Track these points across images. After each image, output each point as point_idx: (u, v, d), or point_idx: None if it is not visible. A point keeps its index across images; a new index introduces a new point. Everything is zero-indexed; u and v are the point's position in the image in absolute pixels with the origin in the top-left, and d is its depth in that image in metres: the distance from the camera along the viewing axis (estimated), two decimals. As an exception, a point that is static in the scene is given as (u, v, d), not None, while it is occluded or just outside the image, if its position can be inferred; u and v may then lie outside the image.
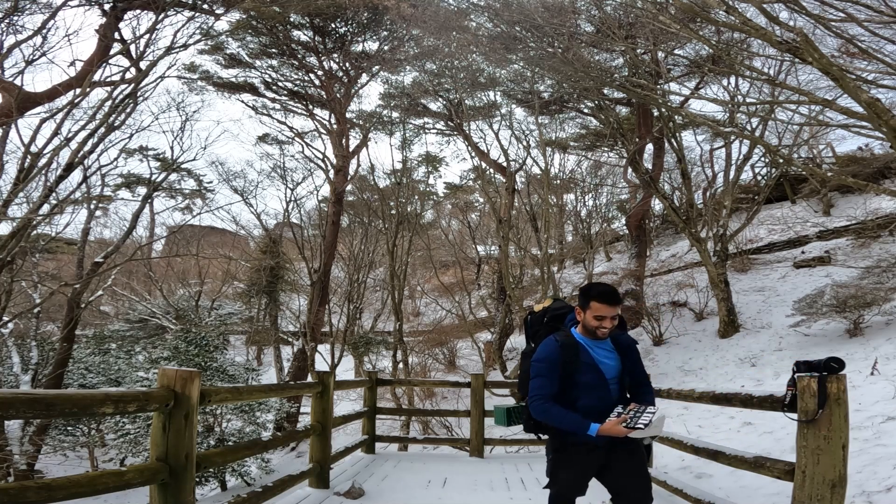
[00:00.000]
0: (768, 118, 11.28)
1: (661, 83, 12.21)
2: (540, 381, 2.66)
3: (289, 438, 7.27)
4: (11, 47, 9.75)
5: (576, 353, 2.66)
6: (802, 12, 5.73)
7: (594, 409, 2.60)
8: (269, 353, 21.21)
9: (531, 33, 10.68)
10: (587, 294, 2.68)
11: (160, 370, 2.83)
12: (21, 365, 11.40)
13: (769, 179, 17.08)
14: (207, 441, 8.52)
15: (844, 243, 15.87)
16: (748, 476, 4.31)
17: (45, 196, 9.77)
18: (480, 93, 17.17)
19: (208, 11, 13.32)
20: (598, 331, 2.63)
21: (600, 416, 2.56)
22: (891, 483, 4.37)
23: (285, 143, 21.55)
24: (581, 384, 2.64)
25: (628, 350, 2.75)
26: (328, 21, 17.39)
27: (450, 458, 7.39)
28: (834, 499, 2.44)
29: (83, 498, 2.16)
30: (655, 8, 7.56)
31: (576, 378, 2.64)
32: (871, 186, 6.92)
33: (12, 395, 1.95)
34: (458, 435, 10.95)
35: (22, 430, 10.25)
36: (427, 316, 24.91)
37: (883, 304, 10.21)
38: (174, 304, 17.87)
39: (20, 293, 13.25)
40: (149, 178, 18.68)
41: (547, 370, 2.65)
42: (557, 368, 2.63)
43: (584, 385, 2.64)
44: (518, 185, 18.44)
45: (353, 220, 23.60)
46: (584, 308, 2.67)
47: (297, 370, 17.16)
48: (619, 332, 2.76)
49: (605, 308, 2.61)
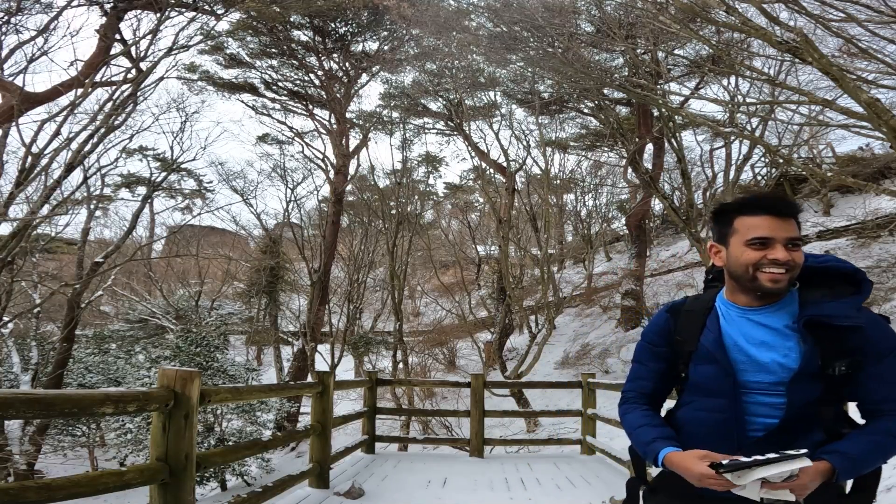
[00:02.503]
0: (768, 118, 11.28)
1: (661, 83, 12.20)
2: (633, 368, 1.69)
3: (289, 438, 7.28)
4: (14, 48, 9.77)
5: (698, 326, 1.52)
6: (802, 12, 5.73)
7: (708, 435, 1.45)
8: (269, 353, 21.20)
9: (531, 33, 10.68)
10: (726, 211, 1.48)
11: (160, 370, 2.83)
12: (21, 365, 11.41)
13: (769, 179, 17.09)
14: (207, 441, 8.53)
15: (844, 243, 15.87)
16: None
17: (46, 196, 9.78)
18: (480, 93, 17.18)
19: (209, 12, 13.33)
20: (760, 276, 1.39)
21: (715, 446, 1.37)
22: (891, 483, 4.37)
23: (285, 143, 21.61)
24: (693, 384, 1.52)
25: (825, 332, 1.36)
26: (328, 21, 17.41)
27: (450, 458, 7.39)
28: (833, 499, 2.43)
29: (83, 498, 2.16)
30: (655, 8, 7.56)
31: (690, 370, 1.52)
32: (871, 186, 6.92)
33: (12, 395, 1.95)
34: (458, 435, 10.96)
35: (22, 430, 10.26)
36: (427, 316, 24.91)
37: (883, 304, 10.21)
38: (174, 304, 17.88)
39: (20, 293, 13.25)
40: (149, 178, 18.72)
41: (643, 353, 1.65)
42: (660, 351, 1.60)
43: (697, 386, 1.51)
44: (518, 185, 18.44)
45: (353, 220, 23.61)
46: (724, 238, 1.47)
47: (297, 370, 17.17)
48: (835, 301, 1.40)
49: (770, 222, 1.39)
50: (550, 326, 14.43)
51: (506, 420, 11.99)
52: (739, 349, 1.44)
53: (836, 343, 1.35)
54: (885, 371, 1.36)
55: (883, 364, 1.36)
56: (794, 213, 1.42)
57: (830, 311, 1.37)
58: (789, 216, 1.40)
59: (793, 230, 1.39)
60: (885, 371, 1.36)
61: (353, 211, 23.13)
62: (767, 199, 1.42)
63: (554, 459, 6.68)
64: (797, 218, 1.43)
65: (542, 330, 14.58)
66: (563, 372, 15.38)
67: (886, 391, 1.36)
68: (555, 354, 16.57)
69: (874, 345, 1.37)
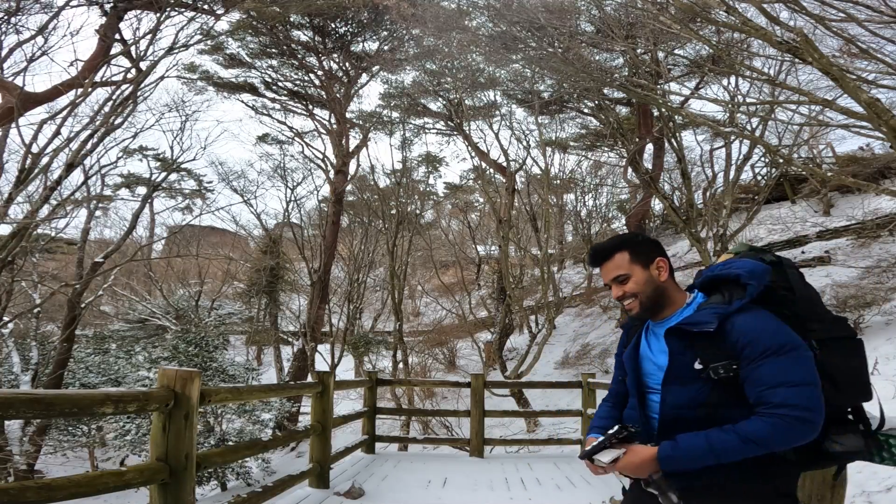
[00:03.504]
0: (768, 118, 11.27)
1: (662, 83, 12.20)
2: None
3: (289, 438, 7.27)
4: (13, 48, 9.77)
5: (627, 340, 1.79)
6: (802, 12, 5.73)
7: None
8: (269, 353, 21.21)
9: (531, 33, 10.68)
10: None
11: (160, 370, 2.83)
12: (21, 365, 11.40)
13: (769, 179, 17.05)
14: (207, 441, 8.53)
15: (844, 243, 15.86)
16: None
17: (46, 196, 9.78)
18: (480, 93, 17.17)
19: (209, 12, 13.32)
20: (625, 307, 1.70)
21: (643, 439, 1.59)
22: (891, 483, 4.37)
23: (285, 143, 21.60)
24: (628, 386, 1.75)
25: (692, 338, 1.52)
26: (328, 21, 17.40)
27: (450, 458, 7.39)
28: (834, 499, 2.44)
29: (83, 498, 2.16)
30: (656, 8, 7.56)
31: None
32: (871, 186, 6.92)
33: (12, 395, 1.95)
34: (458, 435, 10.95)
35: (22, 430, 10.24)
36: (427, 316, 24.90)
37: (883, 304, 10.21)
38: (174, 304, 17.88)
39: (20, 293, 13.25)
40: (149, 178, 18.73)
41: (615, 360, 1.89)
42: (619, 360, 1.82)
43: (628, 388, 1.74)
44: (518, 185, 18.44)
45: (353, 220, 23.60)
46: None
47: (297, 370, 17.16)
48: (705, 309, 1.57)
49: (602, 271, 1.71)
50: (550, 326, 14.42)
51: (506, 420, 11.99)
52: (645, 357, 1.68)
53: (711, 348, 1.48)
54: (757, 373, 1.43)
55: (754, 366, 1.44)
56: (608, 256, 1.68)
57: (690, 318, 1.55)
58: (605, 261, 1.68)
59: (614, 270, 1.66)
60: (756, 373, 1.43)
61: (353, 211, 23.12)
62: (591, 253, 1.74)
63: (554, 459, 6.68)
64: (616, 255, 1.67)
65: (542, 330, 14.58)
66: (563, 372, 15.38)
67: (758, 393, 1.43)
68: (555, 354, 16.57)
69: (748, 348, 1.45)
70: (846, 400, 1.54)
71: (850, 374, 1.53)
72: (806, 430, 1.38)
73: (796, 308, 1.55)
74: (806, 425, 1.38)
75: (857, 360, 1.55)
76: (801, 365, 1.42)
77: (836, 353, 1.53)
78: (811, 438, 1.40)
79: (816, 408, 1.39)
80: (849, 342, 1.56)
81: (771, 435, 1.38)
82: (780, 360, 1.41)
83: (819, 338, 1.53)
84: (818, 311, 1.57)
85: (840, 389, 1.51)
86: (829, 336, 1.55)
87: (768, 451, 1.41)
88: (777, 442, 1.39)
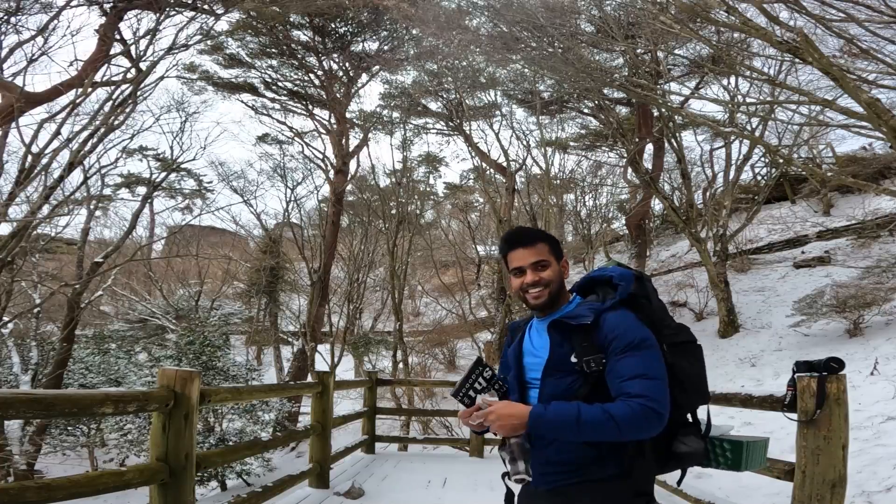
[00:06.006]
0: (768, 118, 11.27)
1: (662, 83, 12.21)
2: None
3: (289, 438, 7.26)
4: (13, 48, 9.77)
5: (517, 339, 1.82)
6: (802, 12, 5.73)
7: None
8: (269, 353, 21.20)
9: (531, 33, 10.68)
10: (501, 249, 1.82)
11: (160, 370, 2.83)
12: (21, 365, 11.39)
13: (769, 179, 17.08)
14: (207, 441, 8.53)
15: (844, 243, 15.86)
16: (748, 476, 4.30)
17: (46, 196, 9.77)
18: (480, 93, 17.18)
19: (208, 12, 13.32)
20: (527, 297, 1.71)
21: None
22: (891, 483, 4.37)
23: (285, 143, 21.57)
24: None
25: (570, 332, 1.61)
26: (328, 21, 17.40)
27: (450, 458, 7.39)
28: (834, 499, 2.44)
29: (83, 498, 2.16)
30: (656, 8, 7.57)
31: None
32: (871, 186, 6.92)
33: (12, 395, 1.95)
34: (458, 435, 10.96)
35: (22, 430, 10.24)
36: (427, 316, 24.89)
37: (883, 304, 10.20)
38: (174, 304, 17.87)
39: (20, 293, 13.24)
40: (149, 178, 18.69)
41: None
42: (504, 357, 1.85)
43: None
44: (518, 185, 18.45)
45: (353, 220, 23.59)
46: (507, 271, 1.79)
47: (297, 370, 17.16)
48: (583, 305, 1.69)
49: (520, 253, 1.71)
50: (550, 326, 14.41)
51: (506, 420, 11.97)
52: (528, 352, 1.74)
53: (584, 342, 1.58)
54: (619, 365, 1.53)
55: (617, 359, 1.54)
56: (533, 242, 1.71)
57: (570, 312, 1.66)
58: (530, 244, 1.70)
59: (536, 255, 1.69)
60: (619, 365, 1.53)
61: (353, 211, 23.10)
62: (512, 234, 1.77)
63: (554, 459, 6.66)
64: (539, 243, 1.71)
65: (542, 330, 14.55)
66: (563, 372, 15.36)
67: (619, 384, 1.52)
68: (555, 354, 16.55)
69: (615, 342, 1.56)
70: (690, 400, 1.65)
71: (695, 377, 1.66)
72: (654, 421, 1.47)
73: (652, 315, 1.67)
74: (656, 416, 1.47)
75: (699, 363, 1.70)
76: (657, 361, 1.54)
77: (683, 357, 1.66)
78: (657, 431, 1.49)
79: (665, 402, 1.49)
80: (692, 346, 1.71)
81: (629, 419, 1.45)
82: (639, 355, 1.52)
83: (670, 342, 1.65)
84: (666, 319, 1.71)
85: (686, 390, 1.62)
86: (677, 340, 1.68)
87: (620, 438, 1.48)
88: (631, 427, 1.46)
